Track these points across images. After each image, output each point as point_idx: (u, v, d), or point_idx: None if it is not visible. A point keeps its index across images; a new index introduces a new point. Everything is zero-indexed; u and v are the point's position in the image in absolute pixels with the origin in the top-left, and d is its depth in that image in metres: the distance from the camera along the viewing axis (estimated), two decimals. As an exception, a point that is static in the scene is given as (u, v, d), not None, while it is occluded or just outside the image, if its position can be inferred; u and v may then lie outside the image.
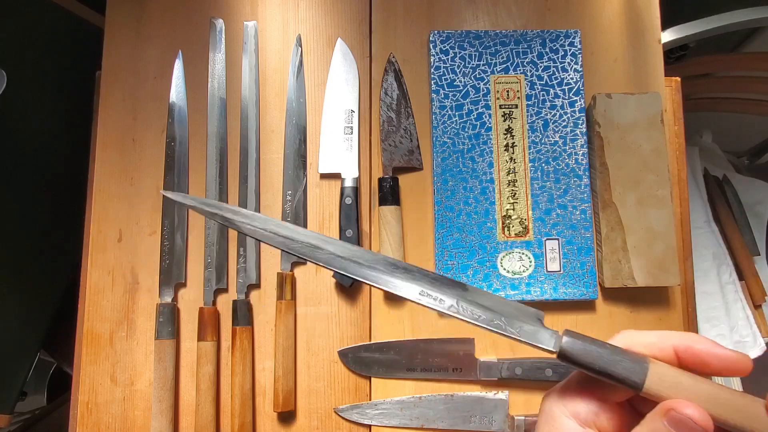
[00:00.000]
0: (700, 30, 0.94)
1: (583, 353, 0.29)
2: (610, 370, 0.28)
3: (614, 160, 0.62)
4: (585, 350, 0.29)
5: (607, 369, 0.28)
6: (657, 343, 0.29)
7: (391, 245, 0.61)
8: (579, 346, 0.29)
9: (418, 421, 0.61)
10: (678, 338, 0.29)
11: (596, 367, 0.29)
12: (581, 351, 0.29)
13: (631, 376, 0.28)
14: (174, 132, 0.67)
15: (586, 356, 0.29)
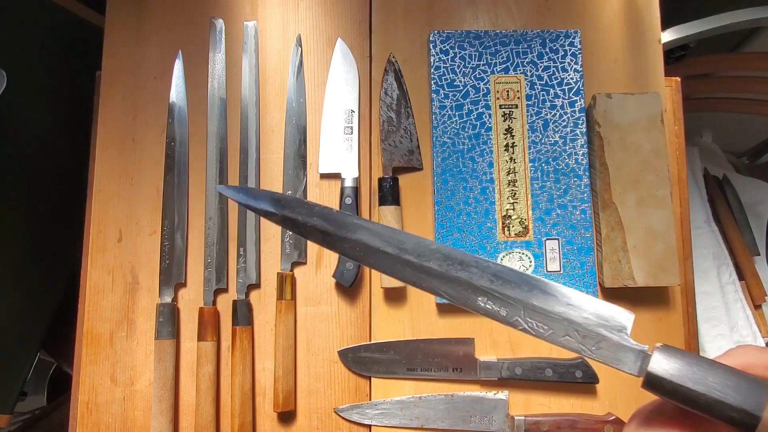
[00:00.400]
0: (700, 30, 0.94)
1: (678, 382, 0.23)
2: (720, 400, 0.22)
3: (614, 160, 0.62)
4: (681, 378, 0.23)
5: (716, 399, 0.22)
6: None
7: (391, 245, 0.61)
8: (672, 374, 0.24)
9: (418, 421, 0.61)
10: None
11: (696, 404, 0.23)
12: (675, 379, 0.24)
13: (745, 412, 0.22)
14: (174, 132, 0.67)
15: (682, 388, 0.23)
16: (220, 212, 0.65)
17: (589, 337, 0.27)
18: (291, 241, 0.65)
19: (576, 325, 0.27)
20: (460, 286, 0.29)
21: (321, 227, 0.30)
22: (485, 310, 0.29)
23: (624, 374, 0.64)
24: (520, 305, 0.28)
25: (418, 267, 0.29)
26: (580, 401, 0.62)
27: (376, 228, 0.30)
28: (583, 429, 0.59)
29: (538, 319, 0.28)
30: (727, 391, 0.23)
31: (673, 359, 0.24)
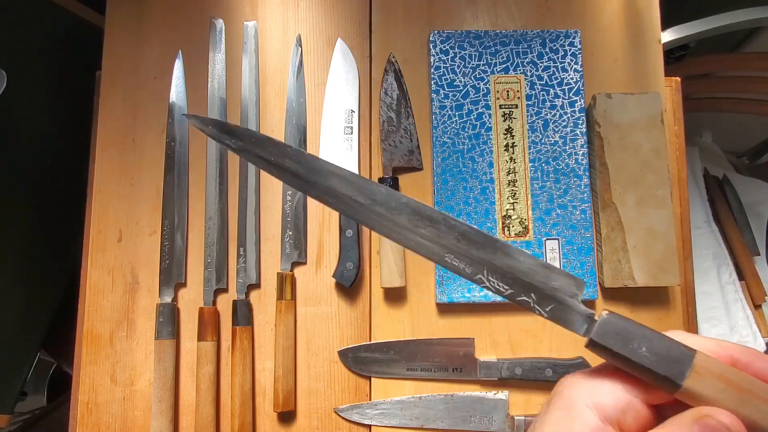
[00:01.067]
0: (700, 30, 0.94)
1: (615, 348, 0.26)
2: (649, 367, 0.26)
3: (614, 160, 0.62)
4: (617, 345, 0.26)
5: (645, 366, 0.26)
6: (714, 351, 0.27)
7: (391, 245, 0.61)
8: (611, 340, 0.27)
9: (418, 421, 0.61)
10: (739, 351, 0.27)
11: (631, 362, 0.26)
12: (613, 346, 0.26)
13: (671, 375, 0.25)
14: (174, 132, 0.67)
15: (618, 354, 0.26)
16: (220, 212, 0.65)
17: (544, 300, 0.29)
18: (291, 241, 0.65)
19: (534, 288, 0.29)
20: (428, 241, 0.30)
21: (293, 170, 0.31)
22: (451, 266, 0.30)
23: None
24: (484, 265, 0.30)
25: (388, 219, 0.30)
26: (580, 401, 0.62)
27: (347, 175, 0.31)
28: (583, 429, 0.59)
29: (500, 279, 0.30)
30: (655, 360, 0.26)
31: (614, 327, 0.27)
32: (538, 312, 0.29)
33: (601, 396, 0.27)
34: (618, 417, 0.26)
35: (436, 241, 0.30)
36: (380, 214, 0.31)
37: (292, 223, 0.65)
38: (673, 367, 0.26)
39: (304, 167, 0.31)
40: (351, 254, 0.62)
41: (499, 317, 0.63)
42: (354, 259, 0.62)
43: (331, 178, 0.31)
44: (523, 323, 0.63)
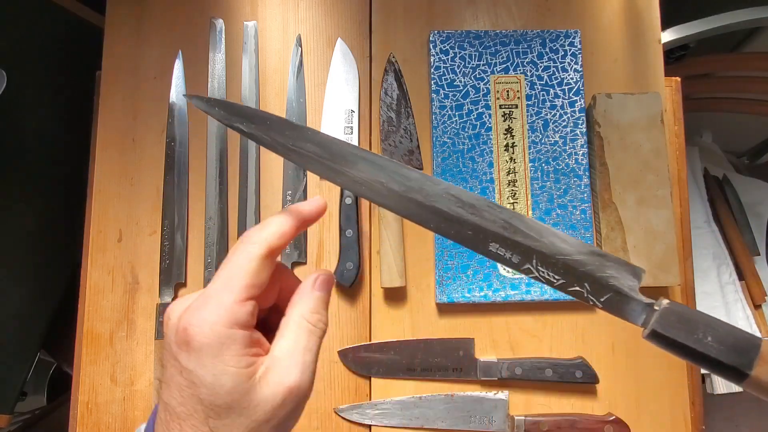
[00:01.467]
0: (700, 30, 0.94)
1: (678, 339, 0.26)
2: (716, 358, 0.25)
3: (614, 160, 0.62)
4: (685, 329, 0.25)
5: (712, 356, 0.25)
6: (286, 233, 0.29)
7: (391, 245, 0.61)
8: (672, 331, 0.26)
9: (418, 421, 0.61)
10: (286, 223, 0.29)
11: (696, 353, 0.25)
12: (679, 330, 0.26)
13: (739, 365, 0.25)
14: (174, 132, 0.67)
15: (682, 345, 0.26)
16: (220, 212, 0.65)
17: (598, 289, 0.28)
18: (291, 241, 0.65)
19: (587, 277, 0.28)
20: (471, 230, 0.28)
21: (316, 154, 0.29)
22: (496, 256, 0.28)
23: (623, 374, 0.64)
24: (533, 253, 0.28)
25: (429, 208, 0.28)
26: (580, 401, 0.62)
27: (377, 160, 0.29)
28: (583, 429, 0.59)
29: (550, 269, 0.28)
30: (722, 350, 0.25)
31: (677, 316, 0.26)
32: (593, 302, 0.28)
33: (243, 313, 0.27)
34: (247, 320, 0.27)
35: (480, 228, 0.28)
36: (418, 202, 0.28)
37: (292, 223, 0.65)
38: (740, 356, 0.25)
39: (327, 152, 0.29)
40: (351, 254, 0.62)
41: (499, 317, 0.63)
42: (354, 259, 0.62)
43: (359, 163, 0.29)
44: (523, 323, 0.63)
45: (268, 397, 0.26)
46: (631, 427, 0.60)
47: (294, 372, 0.27)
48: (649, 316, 0.27)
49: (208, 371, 0.26)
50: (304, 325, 0.28)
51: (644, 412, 0.62)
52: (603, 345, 0.63)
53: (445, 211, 0.28)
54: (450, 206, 0.28)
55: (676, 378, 0.63)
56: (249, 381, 0.26)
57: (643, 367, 0.63)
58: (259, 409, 0.26)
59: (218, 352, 0.26)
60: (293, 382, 0.27)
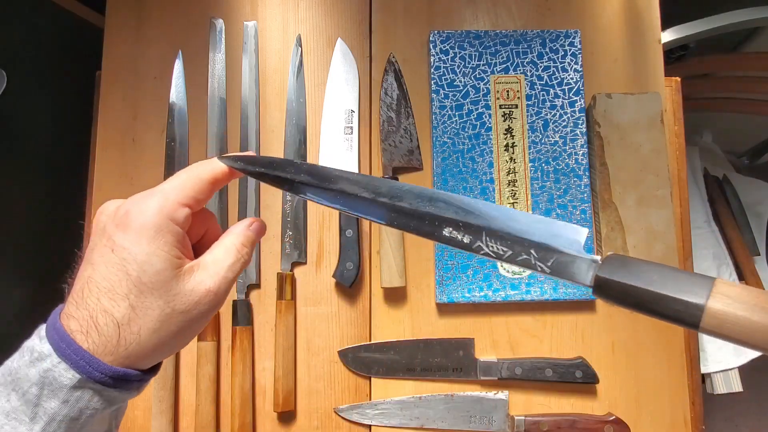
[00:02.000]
0: (700, 30, 0.94)
1: (627, 282, 0.25)
2: (668, 294, 0.24)
3: (614, 160, 0.62)
4: (629, 279, 0.25)
5: (663, 293, 0.24)
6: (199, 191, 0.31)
7: (390, 245, 0.61)
8: (621, 269, 0.25)
9: (418, 421, 0.61)
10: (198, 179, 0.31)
11: (647, 293, 0.24)
12: (624, 273, 0.25)
13: (690, 303, 0.23)
14: (174, 132, 0.67)
15: (631, 289, 0.25)
16: (220, 212, 0.65)
17: (544, 255, 0.29)
18: (291, 241, 0.65)
19: (533, 245, 0.29)
20: (427, 220, 0.31)
21: (308, 182, 0.33)
22: (448, 239, 0.31)
23: (623, 374, 0.64)
24: (482, 230, 0.30)
25: (391, 207, 0.32)
26: (580, 401, 0.62)
27: (354, 177, 0.33)
28: (583, 429, 0.59)
29: (498, 242, 0.30)
30: (670, 286, 0.24)
31: (620, 260, 0.26)
32: (540, 268, 0.28)
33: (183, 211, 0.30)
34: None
35: (437, 217, 0.31)
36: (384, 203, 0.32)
37: (292, 223, 0.65)
38: (693, 292, 0.23)
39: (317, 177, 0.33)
40: (351, 254, 0.62)
41: (499, 317, 0.63)
42: (354, 259, 0.62)
43: (340, 181, 0.33)
44: (523, 323, 0.63)
45: (187, 290, 0.29)
46: (631, 427, 0.60)
47: (215, 279, 0.30)
48: (594, 271, 0.27)
49: (142, 249, 0.29)
50: (234, 250, 0.32)
51: (644, 412, 0.62)
52: (603, 345, 0.63)
53: (407, 207, 0.32)
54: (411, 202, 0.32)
55: (676, 378, 0.63)
56: (175, 270, 0.29)
57: (643, 367, 0.63)
58: (177, 299, 0.29)
59: (155, 235, 0.29)
60: (212, 287, 0.30)
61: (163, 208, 0.30)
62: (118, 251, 0.29)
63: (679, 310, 0.24)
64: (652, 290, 0.24)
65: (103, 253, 0.30)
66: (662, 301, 0.24)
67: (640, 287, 0.24)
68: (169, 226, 0.30)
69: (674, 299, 0.24)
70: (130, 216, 0.30)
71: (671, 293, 0.24)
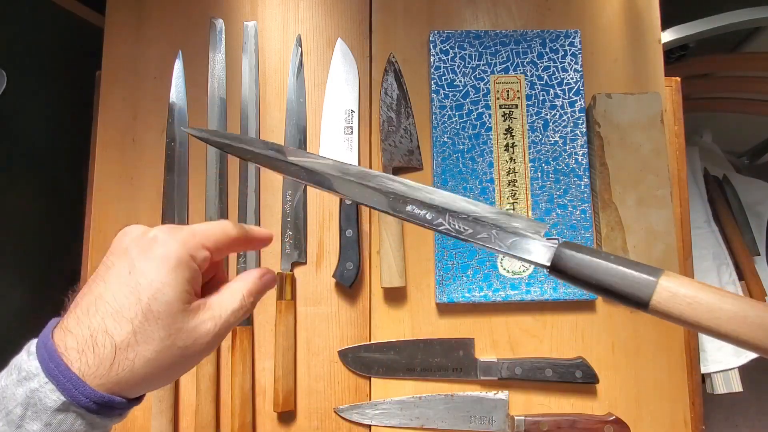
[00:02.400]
0: (700, 30, 0.94)
1: (579, 269, 0.27)
2: (613, 287, 0.26)
3: (614, 160, 0.62)
4: (581, 266, 0.27)
5: (610, 286, 0.26)
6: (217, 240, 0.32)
7: (391, 245, 0.61)
8: (574, 263, 0.27)
9: (418, 421, 0.61)
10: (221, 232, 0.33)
11: (594, 282, 0.26)
12: (577, 267, 0.27)
13: (637, 293, 0.26)
14: (174, 132, 0.67)
15: (583, 275, 0.27)
16: (220, 212, 0.65)
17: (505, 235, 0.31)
18: (291, 241, 0.65)
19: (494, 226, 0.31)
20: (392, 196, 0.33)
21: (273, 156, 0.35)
22: (413, 215, 0.32)
23: (623, 374, 0.64)
24: (447, 212, 0.32)
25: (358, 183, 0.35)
26: (580, 401, 0.62)
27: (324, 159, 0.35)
28: (583, 429, 0.59)
29: (461, 222, 0.32)
30: (616, 280, 0.26)
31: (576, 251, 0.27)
32: (498, 246, 0.30)
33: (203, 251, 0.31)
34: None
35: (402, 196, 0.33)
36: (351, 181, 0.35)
37: (292, 223, 0.65)
38: (639, 286, 0.25)
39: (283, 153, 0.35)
40: (351, 254, 0.62)
41: (499, 317, 0.63)
42: (354, 259, 0.62)
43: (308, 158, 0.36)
44: (523, 323, 0.63)
45: (191, 327, 0.30)
46: (631, 427, 0.60)
47: (218, 322, 0.31)
48: (552, 251, 0.29)
49: (159, 277, 0.29)
50: (240, 296, 0.33)
51: (644, 412, 0.62)
52: (603, 345, 0.63)
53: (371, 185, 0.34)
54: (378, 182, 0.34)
55: (676, 378, 0.63)
56: (184, 305, 0.30)
57: (643, 367, 0.63)
58: (179, 333, 0.29)
59: (175, 267, 0.30)
60: (213, 329, 0.31)
61: (187, 243, 0.31)
62: (135, 274, 0.29)
63: (632, 286, 0.26)
64: (604, 281, 0.26)
65: (120, 273, 0.30)
66: (617, 275, 0.26)
67: (595, 277, 0.27)
68: (189, 262, 0.30)
69: (629, 274, 0.26)
70: (156, 243, 0.30)
71: (627, 268, 0.26)
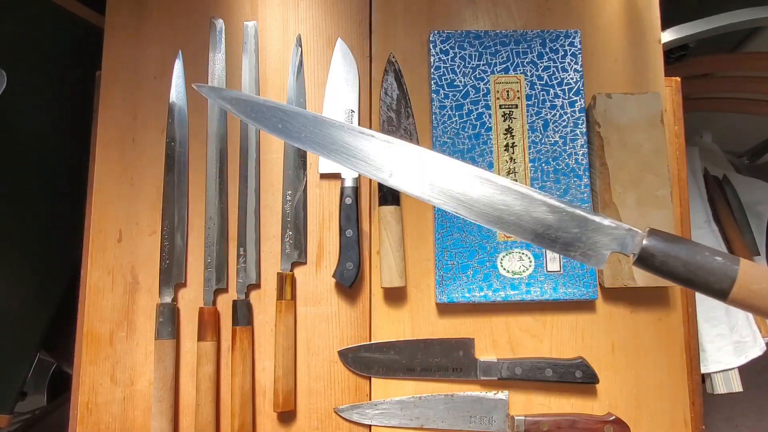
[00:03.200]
0: (700, 30, 0.94)
1: (666, 259, 0.26)
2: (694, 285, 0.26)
3: (614, 160, 0.62)
4: (667, 256, 0.26)
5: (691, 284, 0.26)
6: None
7: (391, 245, 0.61)
8: (662, 252, 0.27)
9: (418, 421, 0.61)
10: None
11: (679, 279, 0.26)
12: (664, 257, 0.26)
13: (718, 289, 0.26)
14: (174, 132, 0.67)
15: (669, 266, 0.26)
16: (220, 212, 0.65)
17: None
18: (291, 241, 0.65)
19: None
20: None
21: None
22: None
23: (623, 374, 0.64)
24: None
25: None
26: (580, 401, 0.62)
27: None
28: (583, 429, 0.59)
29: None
30: (703, 271, 0.26)
31: (663, 240, 0.27)
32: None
33: None
34: None
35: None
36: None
37: (292, 223, 0.65)
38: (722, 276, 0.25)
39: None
40: (351, 254, 0.62)
41: (499, 317, 0.63)
42: (354, 259, 0.62)
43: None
44: (523, 323, 0.63)
45: None
46: (631, 427, 0.60)
47: None
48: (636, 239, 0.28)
49: None
50: None
51: (644, 412, 0.62)
52: (603, 345, 0.63)
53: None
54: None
55: (676, 378, 0.63)
56: None
57: (643, 367, 0.63)
58: None
59: None
60: None
61: None
62: None
63: (712, 291, 0.26)
64: (689, 274, 0.26)
65: None
66: (696, 283, 0.27)
67: (679, 268, 0.26)
68: None
69: (706, 284, 0.26)
70: None
71: (704, 280, 0.26)
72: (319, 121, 0.37)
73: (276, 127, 0.37)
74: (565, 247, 0.31)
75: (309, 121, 0.37)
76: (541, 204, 0.31)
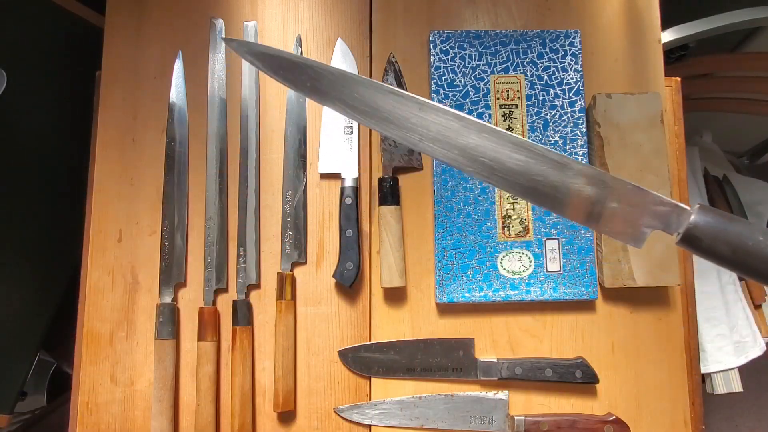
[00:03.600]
0: (700, 30, 0.94)
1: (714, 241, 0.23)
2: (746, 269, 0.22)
3: (614, 160, 0.62)
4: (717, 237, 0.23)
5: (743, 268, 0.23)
6: None
7: (391, 245, 0.61)
8: (710, 232, 0.23)
9: (418, 421, 0.61)
10: None
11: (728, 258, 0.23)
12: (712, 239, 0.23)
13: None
14: (174, 132, 0.67)
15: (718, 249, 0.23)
16: (220, 212, 0.65)
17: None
18: (291, 241, 0.65)
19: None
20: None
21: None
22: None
23: (623, 374, 0.64)
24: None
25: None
26: (580, 401, 0.62)
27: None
28: (583, 429, 0.59)
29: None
30: (753, 258, 0.23)
31: (713, 220, 0.24)
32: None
33: None
34: None
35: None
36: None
37: (292, 223, 0.65)
38: None
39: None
40: (351, 254, 0.62)
41: (499, 317, 0.63)
42: (354, 259, 0.62)
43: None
44: (523, 323, 0.63)
45: None
46: (631, 427, 0.60)
47: None
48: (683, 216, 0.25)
49: None
50: None
51: (644, 412, 0.62)
52: (603, 345, 0.63)
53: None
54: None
55: (676, 378, 0.63)
56: None
57: (643, 367, 0.63)
58: None
59: None
60: None
61: None
62: None
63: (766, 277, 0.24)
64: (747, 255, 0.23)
65: None
66: (754, 268, 0.24)
67: (732, 250, 0.23)
68: None
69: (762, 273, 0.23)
70: None
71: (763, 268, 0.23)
72: (348, 78, 0.36)
73: (305, 85, 0.35)
74: (606, 224, 0.29)
75: (338, 78, 0.35)
76: (577, 174, 0.29)
